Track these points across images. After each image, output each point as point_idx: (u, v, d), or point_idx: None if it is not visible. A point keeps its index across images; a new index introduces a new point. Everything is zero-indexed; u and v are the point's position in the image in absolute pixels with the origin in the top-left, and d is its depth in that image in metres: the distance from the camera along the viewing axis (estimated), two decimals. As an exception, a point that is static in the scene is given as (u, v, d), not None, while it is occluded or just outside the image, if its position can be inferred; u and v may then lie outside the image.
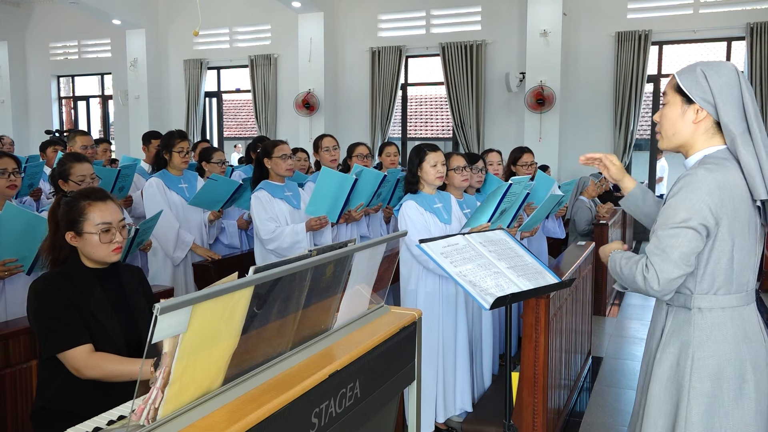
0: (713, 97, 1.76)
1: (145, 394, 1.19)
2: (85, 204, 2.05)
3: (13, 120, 12.79)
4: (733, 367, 1.76)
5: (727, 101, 1.75)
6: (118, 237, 2.07)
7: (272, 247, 3.64)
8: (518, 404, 2.89)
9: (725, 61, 1.81)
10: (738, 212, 1.74)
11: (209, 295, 1.15)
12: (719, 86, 1.75)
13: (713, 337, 1.78)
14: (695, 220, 1.71)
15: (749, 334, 1.79)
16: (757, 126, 1.73)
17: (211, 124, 12.19)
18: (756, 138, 1.73)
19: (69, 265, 2.07)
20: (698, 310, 1.79)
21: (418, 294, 3.19)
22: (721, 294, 1.78)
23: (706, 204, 1.71)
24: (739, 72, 1.77)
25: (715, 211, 1.71)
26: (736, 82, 1.75)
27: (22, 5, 12.77)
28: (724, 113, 1.75)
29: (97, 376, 1.92)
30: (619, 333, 5.24)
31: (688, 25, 8.66)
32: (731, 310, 1.78)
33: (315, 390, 1.40)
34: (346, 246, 1.63)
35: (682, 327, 1.82)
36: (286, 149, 3.75)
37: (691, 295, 1.81)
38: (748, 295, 1.81)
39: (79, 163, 3.20)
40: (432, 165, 3.19)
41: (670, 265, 1.72)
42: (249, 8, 10.99)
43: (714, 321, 1.78)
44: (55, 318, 1.94)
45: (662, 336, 1.87)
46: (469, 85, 9.55)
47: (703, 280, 1.78)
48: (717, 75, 1.76)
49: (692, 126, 1.82)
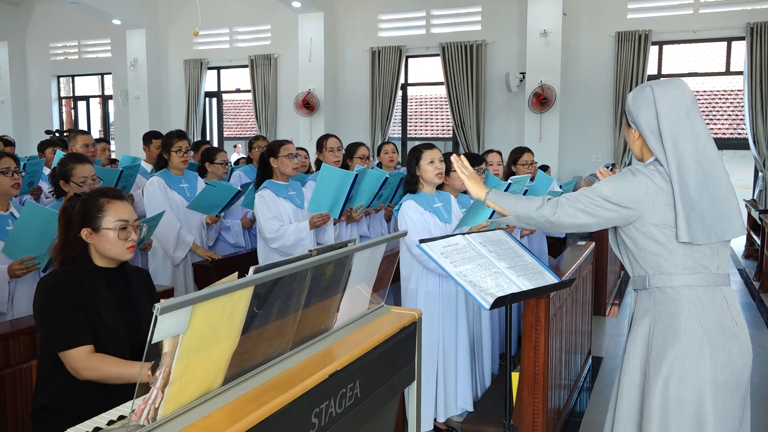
0: (635, 121, 2.05)
1: (145, 394, 1.19)
2: (104, 201, 2.07)
3: (13, 120, 12.79)
4: (689, 337, 1.90)
5: (643, 123, 2.02)
6: (134, 235, 2.10)
7: (276, 246, 3.63)
8: (518, 404, 2.89)
9: (648, 84, 2.02)
10: (670, 204, 1.92)
11: (209, 295, 1.15)
12: (636, 110, 2.04)
13: (670, 312, 1.95)
14: (613, 198, 1.96)
15: (708, 311, 1.92)
16: (670, 140, 1.94)
17: (211, 124, 12.19)
18: (668, 150, 1.94)
19: (78, 263, 2.08)
20: (657, 289, 2.00)
21: (418, 293, 3.19)
22: (677, 274, 1.95)
23: (625, 188, 1.95)
24: (655, 91, 1.98)
25: (632, 195, 1.94)
26: (651, 102, 1.98)
27: (22, 5, 12.77)
28: (642, 132, 2.04)
29: (95, 378, 1.92)
30: (619, 333, 5.23)
31: (688, 25, 8.66)
32: (688, 289, 1.94)
33: (315, 390, 1.40)
34: (346, 246, 1.63)
35: (646, 306, 2.03)
36: (292, 148, 3.75)
37: (646, 276, 2.02)
38: (707, 277, 1.95)
39: (81, 165, 3.19)
40: (429, 162, 3.19)
41: (573, 210, 2.01)
42: (249, 8, 10.99)
43: (673, 296, 1.96)
44: (59, 316, 1.95)
45: (632, 320, 2.10)
46: (469, 85, 9.55)
47: (651, 261, 1.99)
48: (634, 100, 2.04)
49: (636, 144, 2.10)
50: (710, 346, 1.89)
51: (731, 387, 1.90)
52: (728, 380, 1.89)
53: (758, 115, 8.27)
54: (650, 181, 1.95)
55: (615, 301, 6.24)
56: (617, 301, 6.26)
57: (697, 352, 1.89)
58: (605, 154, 9.14)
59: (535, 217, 2.06)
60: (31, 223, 2.75)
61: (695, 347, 1.89)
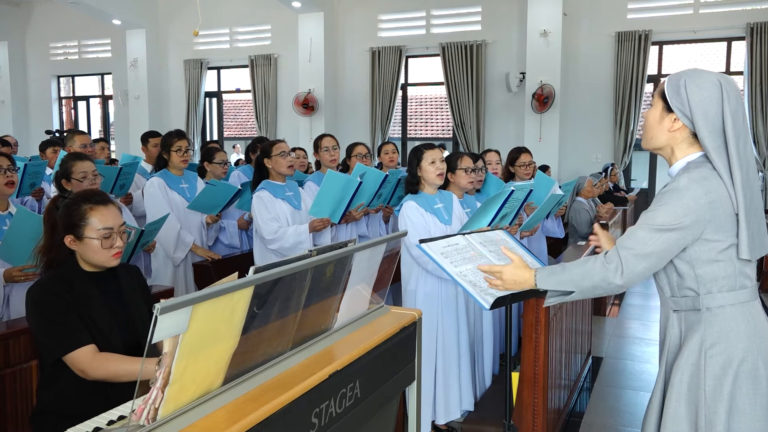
0: (690, 111, 1.75)
1: (145, 394, 1.19)
2: (87, 208, 2.01)
3: (14, 120, 12.79)
4: (746, 362, 1.75)
5: (703, 117, 1.73)
6: (119, 242, 2.05)
7: (275, 247, 3.63)
8: (518, 404, 2.89)
9: (712, 74, 1.76)
10: (728, 214, 1.73)
11: (209, 295, 1.15)
12: (697, 101, 1.73)
13: (725, 334, 1.76)
14: (674, 224, 1.70)
15: (759, 329, 1.78)
16: (734, 144, 1.70)
17: (211, 124, 12.19)
18: (732, 155, 1.71)
19: (66, 269, 2.04)
20: (707, 310, 1.78)
21: (417, 294, 3.19)
22: (726, 291, 1.77)
23: (690, 209, 1.69)
24: (723, 87, 1.73)
25: (699, 215, 1.70)
26: (718, 97, 1.72)
27: (22, 5, 12.77)
28: (698, 128, 1.74)
29: (103, 376, 1.89)
30: (619, 333, 5.24)
31: (688, 25, 8.66)
32: (741, 306, 1.77)
33: (315, 390, 1.40)
34: (346, 246, 1.63)
35: (694, 328, 1.80)
36: (285, 147, 3.75)
37: (697, 296, 1.79)
38: (752, 291, 1.80)
39: (80, 161, 3.20)
40: (430, 162, 3.19)
41: (638, 259, 1.72)
42: (249, 8, 10.99)
43: (725, 318, 1.77)
44: (55, 322, 1.92)
45: (672, 341, 1.85)
46: (469, 85, 9.55)
47: (704, 280, 1.77)
48: (698, 89, 1.73)
49: (668, 134, 1.81)
50: (765, 368, 1.75)
51: None
52: None
53: (758, 115, 8.27)
54: (708, 189, 1.70)
55: (615, 301, 6.24)
56: (617, 301, 6.26)
57: (754, 378, 1.75)
58: (605, 154, 9.14)
59: (603, 286, 1.78)
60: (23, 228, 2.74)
61: (751, 372, 1.75)
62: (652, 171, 9.39)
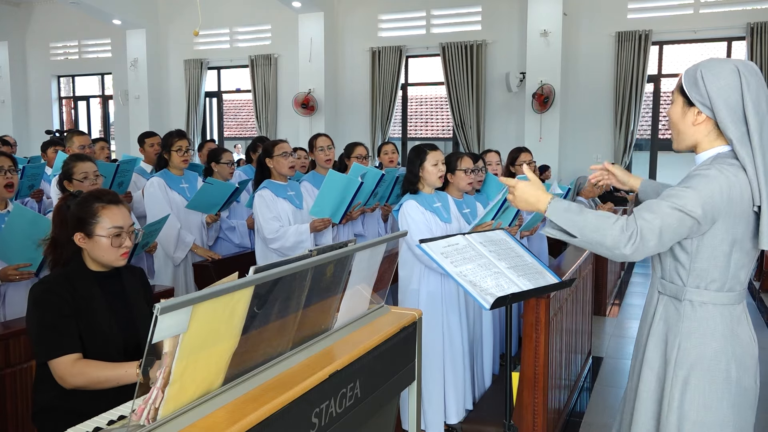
0: (710, 101, 1.73)
1: (145, 394, 1.19)
2: (99, 206, 2.02)
3: (14, 120, 12.80)
4: (718, 362, 1.77)
5: (724, 106, 1.71)
6: (128, 242, 2.05)
7: (276, 246, 3.64)
8: (518, 404, 2.89)
9: (728, 61, 1.73)
10: (744, 214, 1.72)
11: (209, 295, 1.15)
12: (716, 90, 1.71)
13: (701, 330, 1.78)
14: (694, 210, 1.67)
15: (737, 332, 1.79)
16: (757, 131, 1.69)
17: (212, 124, 12.19)
18: (755, 143, 1.69)
19: (71, 268, 2.04)
20: (689, 302, 1.79)
21: (420, 294, 3.18)
22: (713, 290, 1.78)
23: (711, 200, 1.67)
24: (741, 73, 1.71)
25: (715, 209, 1.68)
26: (736, 84, 1.70)
27: (22, 5, 12.77)
28: (721, 118, 1.72)
29: (82, 384, 1.87)
30: (619, 333, 5.24)
31: (688, 25, 8.66)
32: (722, 307, 1.78)
33: (315, 390, 1.40)
34: (346, 246, 1.63)
35: (672, 317, 1.83)
36: (287, 147, 3.75)
37: (683, 287, 1.80)
38: (740, 295, 1.80)
39: (81, 162, 3.21)
40: (433, 164, 3.19)
41: (652, 234, 1.67)
42: (249, 8, 10.99)
43: (704, 315, 1.78)
44: (46, 326, 1.91)
45: (652, 323, 1.89)
46: (469, 85, 9.56)
47: (696, 274, 1.78)
48: (715, 78, 1.72)
49: (692, 128, 1.80)
50: (737, 370, 1.77)
51: (750, 404, 1.82)
52: (746, 400, 1.81)
53: (758, 115, 8.27)
54: (731, 184, 1.68)
55: (615, 301, 6.24)
56: (617, 301, 6.26)
57: (725, 378, 1.76)
58: (605, 154, 9.14)
59: (609, 247, 1.71)
60: (19, 225, 2.74)
61: (722, 372, 1.76)
62: (653, 171, 9.39)
